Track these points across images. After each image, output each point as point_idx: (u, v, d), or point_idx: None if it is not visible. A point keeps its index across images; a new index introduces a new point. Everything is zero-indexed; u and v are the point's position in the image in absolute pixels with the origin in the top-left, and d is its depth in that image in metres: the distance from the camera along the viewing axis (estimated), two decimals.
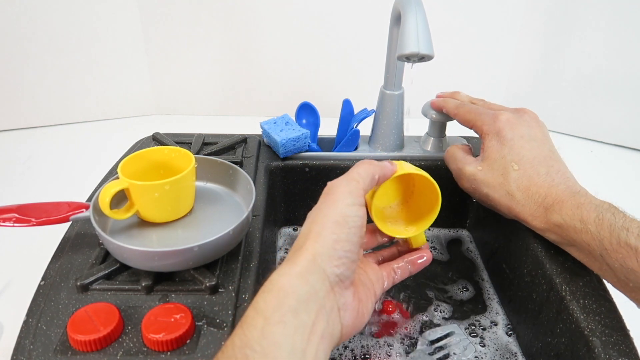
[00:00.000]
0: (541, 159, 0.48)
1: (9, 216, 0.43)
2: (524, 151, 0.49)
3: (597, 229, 0.41)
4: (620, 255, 0.39)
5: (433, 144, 0.66)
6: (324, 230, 0.34)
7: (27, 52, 0.88)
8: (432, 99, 0.63)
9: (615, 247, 0.39)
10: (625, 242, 0.39)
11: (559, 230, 0.45)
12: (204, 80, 0.99)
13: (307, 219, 0.37)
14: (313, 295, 0.32)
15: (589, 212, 0.42)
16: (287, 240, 0.67)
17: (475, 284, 0.60)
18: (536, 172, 0.47)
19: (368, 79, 0.79)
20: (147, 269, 0.41)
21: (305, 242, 0.34)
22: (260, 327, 0.30)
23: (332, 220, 0.35)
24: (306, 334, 0.31)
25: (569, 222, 0.43)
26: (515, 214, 0.48)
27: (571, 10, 0.88)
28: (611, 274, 0.41)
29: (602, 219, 0.41)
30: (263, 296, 0.32)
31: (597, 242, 0.41)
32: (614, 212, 0.41)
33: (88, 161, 0.84)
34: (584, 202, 0.43)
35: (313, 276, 0.33)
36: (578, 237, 0.43)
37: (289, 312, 0.30)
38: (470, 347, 0.51)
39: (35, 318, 0.38)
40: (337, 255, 0.34)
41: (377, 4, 0.86)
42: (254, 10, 0.91)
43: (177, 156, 0.47)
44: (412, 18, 0.47)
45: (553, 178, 0.47)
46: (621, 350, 0.38)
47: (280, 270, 0.33)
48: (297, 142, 0.62)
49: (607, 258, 0.40)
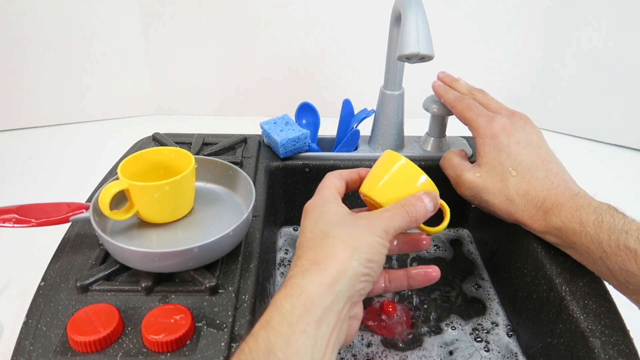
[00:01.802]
0: (539, 163, 0.48)
1: (9, 217, 0.43)
2: (521, 157, 0.49)
3: (596, 232, 0.41)
4: (619, 258, 0.39)
5: (433, 144, 0.66)
6: (362, 247, 0.35)
7: (27, 52, 0.88)
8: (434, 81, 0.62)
9: (615, 250, 0.39)
10: (625, 245, 0.39)
11: (559, 233, 0.45)
12: (204, 80, 0.99)
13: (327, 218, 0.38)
14: (335, 306, 0.33)
15: (588, 214, 0.42)
16: (287, 240, 0.67)
17: (476, 284, 0.60)
18: (534, 176, 0.48)
19: (368, 79, 0.79)
20: (147, 269, 0.41)
21: (338, 250, 0.34)
22: (285, 333, 0.30)
23: (368, 242, 0.35)
24: (324, 344, 0.31)
25: (568, 224, 0.43)
26: (515, 219, 0.48)
27: (571, 10, 0.88)
28: (611, 276, 0.41)
29: (601, 221, 0.41)
30: (290, 300, 0.32)
31: (596, 245, 0.41)
32: (613, 214, 0.41)
33: (88, 161, 0.84)
34: (583, 204, 0.43)
35: (339, 287, 0.33)
36: (577, 240, 0.43)
37: (313, 322, 0.31)
38: (475, 354, 0.51)
39: (35, 319, 0.38)
40: (365, 272, 0.35)
41: (377, 4, 0.86)
42: (254, 10, 0.91)
43: (177, 157, 0.47)
44: (412, 18, 0.47)
45: (552, 181, 0.47)
46: (621, 350, 0.38)
47: (309, 276, 0.33)
48: (297, 142, 0.62)
49: (606, 261, 0.40)
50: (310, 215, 0.39)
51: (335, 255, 0.34)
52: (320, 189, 0.42)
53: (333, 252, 0.34)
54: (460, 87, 0.60)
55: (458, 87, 0.60)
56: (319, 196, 0.41)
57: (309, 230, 0.37)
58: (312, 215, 0.39)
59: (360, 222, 0.37)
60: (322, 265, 0.33)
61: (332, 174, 0.44)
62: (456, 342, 0.52)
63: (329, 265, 0.33)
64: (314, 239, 0.36)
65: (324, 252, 0.34)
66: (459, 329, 0.54)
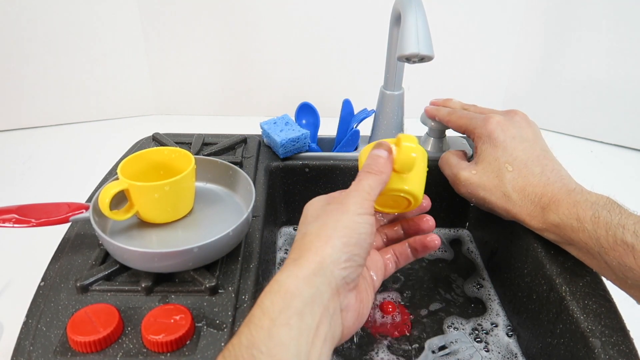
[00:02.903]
0: (534, 158, 0.49)
1: (9, 217, 0.43)
2: (516, 152, 0.49)
3: (594, 227, 0.41)
4: (617, 253, 0.39)
5: (433, 144, 0.66)
6: (335, 233, 0.34)
7: (27, 52, 0.88)
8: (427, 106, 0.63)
9: (612, 245, 0.40)
10: (622, 239, 0.39)
11: (557, 230, 0.45)
12: (204, 80, 0.99)
13: (308, 219, 0.38)
14: (318, 298, 0.32)
15: (585, 210, 0.42)
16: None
17: (477, 283, 0.60)
18: (531, 172, 0.48)
19: (368, 79, 0.79)
20: (146, 269, 0.41)
21: (312, 244, 0.34)
22: (267, 328, 0.30)
23: (342, 225, 0.35)
24: (310, 336, 0.31)
25: (565, 221, 0.44)
26: (513, 215, 0.48)
27: (571, 10, 0.88)
28: (610, 271, 0.41)
29: (598, 217, 0.41)
30: (269, 296, 0.32)
31: (594, 241, 0.41)
32: (610, 209, 0.41)
33: (88, 161, 0.84)
34: (580, 200, 0.44)
35: (319, 279, 0.33)
36: (575, 236, 0.43)
37: (295, 315, 0.31)
38: (476, 355, 0.51)
39: (35, 319, 0.38)
40: (345, 258, 0.34)
41: (377, 4, 0.86)
42: (254, 10, 0.91)
43: (177, 157, 0.47)
44: (412, 18, 0.47)
45: (548, 177, 0.47)
46: (621, 350, 0.38)
47: (287, 272, 0.33)
48: (297, 142, 0.62)
49: (604, 256, 0.40)
50: (301, 217, 0.39)
51: (310, 249, 0.34)
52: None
53: (308, 246, 0.34)
54: (453, 104, 0.61)
55: (450, 104, 0.61)
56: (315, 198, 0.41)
57: (297, 235, 0.38)
58: (301, 218, 0.39)
59: (330, 207, 0.37)
60: (299, 261, 0.33)
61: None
62: (456, 343, 0.52)
63: (305, 260, 0.33)
64: (297, 241, 0.36)
65: (300, 248, 0.34)
66: (459, 329, 0.54)
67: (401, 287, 0.59)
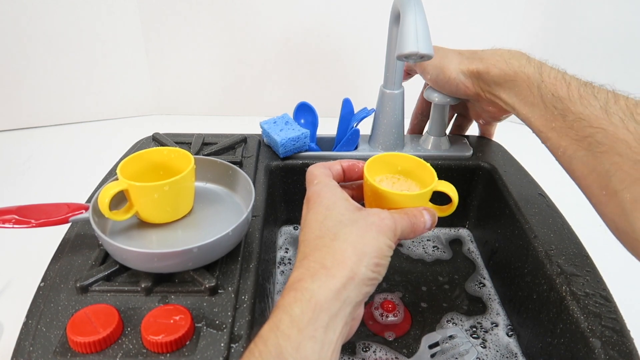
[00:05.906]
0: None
1: (9, 217, 0.43)
2: None
3: (539, 64, 0.50)
4: (554, 87, 0.46)
5: (433, 143, 0.66)
6: (372, 252, 0.34)
7: (27, 52, 0.88)
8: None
9: (553, 81, 0.47)
10: (562, 76, 0.47)
11: (500, 72, 0.54)
12: (204, 80, 0.99)
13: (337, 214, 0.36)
14: (342, 312, 0.33)
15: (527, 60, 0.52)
16: (288, 240, 0.67)
17: (478, 283, 0.60)
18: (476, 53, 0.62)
19: (368, 79, 0.79)
20: (146, 270, 0.41)
21: (348, 257, 0.34)
22: (295, 338, 0.30)
23: (378, 245, 0.35)
24: (330, 350, 0.32)
25: (507, 64, 0.53)
26: (443, 66, 0.59)
27: (571, 10, 0.88)
28: (542, 105, 0.47)
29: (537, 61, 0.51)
30: (300, 305, 0.32)
31: (537, 75, 0.49)
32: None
33: (88, 161, 0.84)
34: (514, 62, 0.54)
35: (347, 292, 0.33)
36: (520, 71, 0.50)
37: (321, 328, 0.31)
38: (472, 350, 0.51)
39: (35, 319, 0.38)
40: (372, 277, 0.34)
41: (376, 4, 0.86)
42: (254, 10, 0.91)
43: (177, 157, 0.47)
44: (412, 17, 0.47)
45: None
46: (621, 350, 0.38)
47: (319, 281, 0.33)
48: (297, 141, 0.62)
49: (542, 89, 0.47)
50: (315, 208, 0.37)
51: (344, 261, 0.33)
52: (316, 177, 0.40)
53: (342, 257, 0.34)
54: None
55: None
56: (321, 184, 0.39)
57: (317, 228, 0.36)
58: (317, 208, 0.37)
59: (371, 220, 0.36)
60: (331, 270, 0.33)
61: (316, 167, 0.41)
62: (452, 338, 0.52)
63: (337, 271, 0.33)
64: (323, 239, 0.35)
65: (333, 256, 0.34)
66: (459, 328, 0.54)
67: (401, 287, 0.59)
